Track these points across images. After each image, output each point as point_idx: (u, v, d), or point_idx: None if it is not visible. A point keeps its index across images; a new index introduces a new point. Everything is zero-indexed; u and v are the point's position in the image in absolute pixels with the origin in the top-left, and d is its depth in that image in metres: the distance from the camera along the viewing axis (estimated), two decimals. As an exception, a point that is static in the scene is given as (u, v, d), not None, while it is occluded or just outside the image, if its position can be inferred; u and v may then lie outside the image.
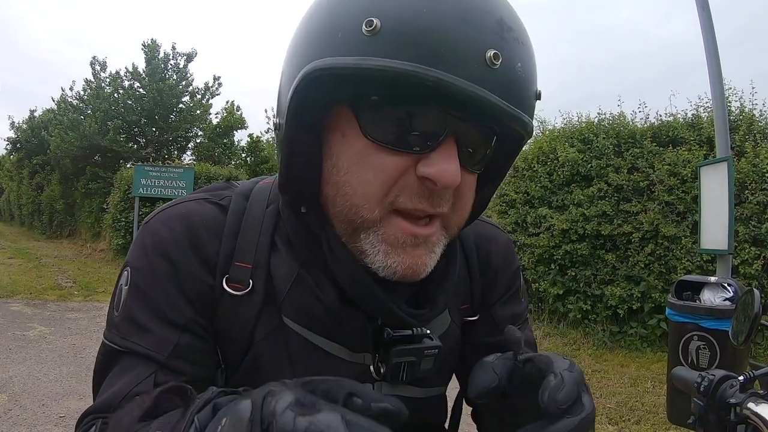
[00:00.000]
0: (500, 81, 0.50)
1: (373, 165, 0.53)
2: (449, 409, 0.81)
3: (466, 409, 0.88)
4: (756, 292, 0.99)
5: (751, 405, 0.75)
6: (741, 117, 5.56)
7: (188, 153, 15.81)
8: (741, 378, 0.79)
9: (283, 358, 0.62)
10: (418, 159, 0.52)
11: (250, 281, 0.61)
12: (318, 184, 0.58)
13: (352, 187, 0.54)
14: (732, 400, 0.78)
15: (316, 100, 0.54)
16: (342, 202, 0.55)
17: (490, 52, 0.49)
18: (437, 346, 0.63)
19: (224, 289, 0.61)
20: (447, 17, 0.48)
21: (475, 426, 0.78)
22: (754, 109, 5.64)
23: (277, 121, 0.58)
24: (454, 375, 0.82)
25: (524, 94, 0.53)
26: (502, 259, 0.78)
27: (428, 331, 0.63)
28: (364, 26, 0.48)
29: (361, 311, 0.61)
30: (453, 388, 0.84)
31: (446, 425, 0.80)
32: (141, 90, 14.49)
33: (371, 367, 0.64)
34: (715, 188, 3.82)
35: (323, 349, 0.63)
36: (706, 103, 5.70)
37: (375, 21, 0.48)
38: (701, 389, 0.82)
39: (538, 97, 0.56)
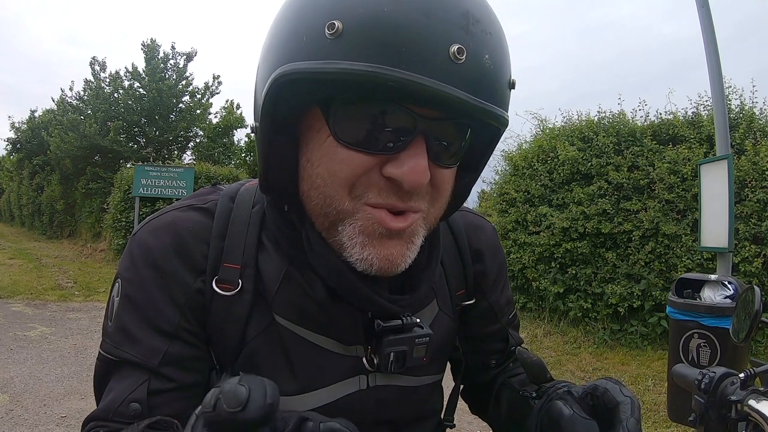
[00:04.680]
0: (466, 75, 0.49)
1: (339, 158, 0.54)
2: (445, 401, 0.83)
3: (463, 406, 0.89)
4: (756, 289, 0.99)
5: (752, 402, 0.75)
6: (741, 115, 5.55)
7: (188, 153, 15.83)
8: (742, 375, 0.79)
9: (278, 355, 0.63)
10: (387, 159, 0.53)
11: (239, 281, 0.62)
12: (296, 183, 0.59)
13: (323, 179, 0.55)
14: (733, 398, 0.77)
15: (289, 103, 0.55)
16: (316, 195, 0.57)
17: (454, 47, 0.48)
18: (428, 334, 0.64)
19: (214, 290, 0.62)
20: (409, 14, 0.48)
21: (469, 414, 0.81)
22: (755, 107, 5.63)
23: (254, 124, 0.59)
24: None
25: (494, 86, 0.52)
26: (491, 247, 0.81)
27: (418, 320, 0.65)
28: (326, 29, 0.49)
29: (350, 305, 0.62)
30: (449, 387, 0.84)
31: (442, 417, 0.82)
32: (141, 90, 14.48)
33: (364, 359, 0.65)
34: (715, 186, 3.82)
35: (316, 344, 0.64)
36: (706, 101, 5.70)
37: (337, 24, 0.48)
38: (702, 387, 0.82)
39: (511, 86, 0.56)
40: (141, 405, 0.58)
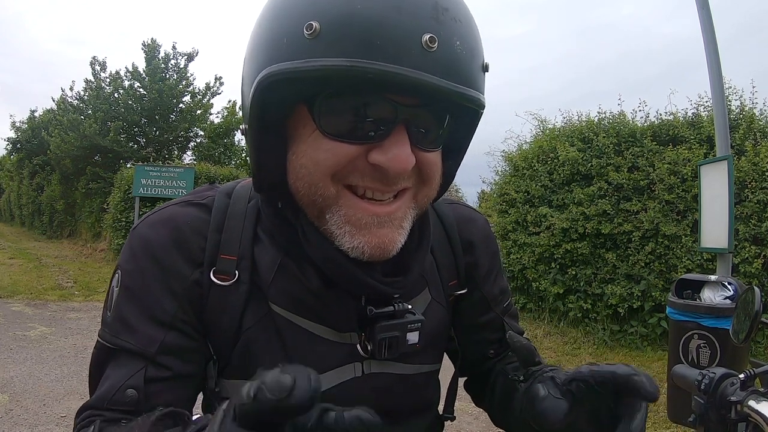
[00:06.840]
0: (440, 62, 0.52)
1: (324, 149, 0.56)
2: (443, 395, 0.83)
3: (464, 396, 0.90)
4: (756, 290, 0.99)
5: (751, 403, 0.75)
6: (741, 116, 5.55)
7: (189, 153, 15.82)
8: (742, 376, 0.79)
9: (275, 343, 0.65)
10: (371, 147, 0.56)
11: (236, 272, 0.65)
12: (287, 179, 0.61)
13: (307, 168, 0.58)
14: (733, 398, 0.78)
15: (275, 103, 0.57)
16: (302, 185, 0.59)
17: (426, 36, 0.51)
18: (420, 319, 0.66)
19: (212, 281, 0.64)
20: (381, 9, 0.51)
21: (469, 414, 0.81)
22: (755, 107, 5.64)
23: (244, 126, 0.62)
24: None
25: (467, 69, 0.55)
26: (483, 238, 0.82)
27: (410, 306, 0.67)
28: (305, 30, 0.51)
29: (343, 292, 0.64)
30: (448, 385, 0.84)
31: (441, 411, 0.83)
32: (141, 90, 14.45)
33: (358, 346, 0.66)
34: (715, 187, 3.82)
35: (311, 332, 0.65)
36: (707, 101, 5.70)
37: (314, 24, 0.51)
38: (702, 387, 0.82)
39: (485, 69, 0.59)
40: (138, 392, 0.60)
